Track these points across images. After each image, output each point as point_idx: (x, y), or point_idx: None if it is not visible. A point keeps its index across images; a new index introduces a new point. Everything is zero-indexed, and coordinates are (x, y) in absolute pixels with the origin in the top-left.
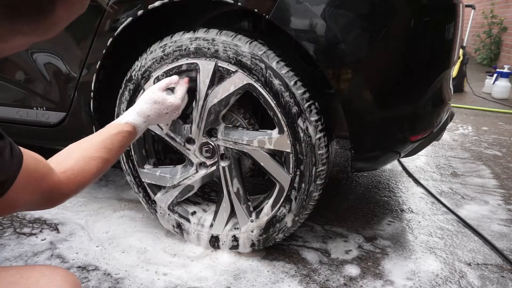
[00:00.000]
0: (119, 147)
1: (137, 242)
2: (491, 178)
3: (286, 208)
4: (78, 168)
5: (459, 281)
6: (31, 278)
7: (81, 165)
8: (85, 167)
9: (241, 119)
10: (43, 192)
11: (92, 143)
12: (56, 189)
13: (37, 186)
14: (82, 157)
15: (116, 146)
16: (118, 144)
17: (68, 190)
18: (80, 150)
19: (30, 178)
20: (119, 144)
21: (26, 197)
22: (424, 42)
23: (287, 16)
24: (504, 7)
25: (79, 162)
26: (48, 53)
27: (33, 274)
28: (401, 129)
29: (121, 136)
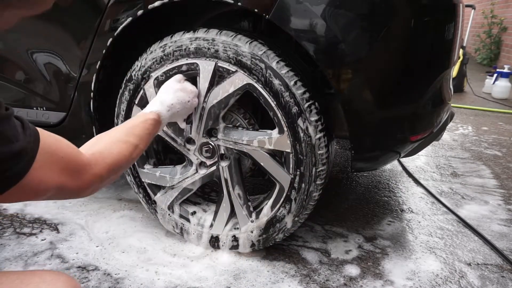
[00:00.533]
0: (147, 134)
1: (137, 242)
2: (491, 178)
3: (286, 208)
4: (107, 149)
5: (459, 281)
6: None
7: (110, 147)
8: (114, 149)
9: (241, 119)
10: (72, 172)
11: (120, 129)
12: (85, 169)
13: (63, 164)
14: (111, 140)
15: (144, 134)
16: (145, 132)
17: (98, 170)
18: (108, 135)
19: (53, 155)
20: (147, 131)
21: (54, 178)
22: (424, 42)
23: (287, 16)
24: (504, 7)
25: (107, 144)
26: (48, 53)
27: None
28: (401, 129)
29: (147, 124)
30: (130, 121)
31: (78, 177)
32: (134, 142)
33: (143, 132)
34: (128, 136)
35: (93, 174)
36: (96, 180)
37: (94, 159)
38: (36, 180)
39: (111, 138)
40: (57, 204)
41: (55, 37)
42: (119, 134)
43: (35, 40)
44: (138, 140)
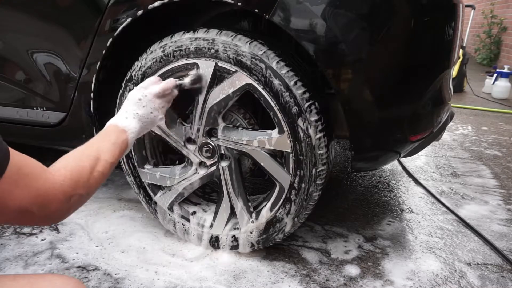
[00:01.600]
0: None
1: (136, 242)
2: (491, 178)
3: (286, 209)
4: (70, 164)
5: (459, 281)
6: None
7: (73, 163)
8: (77, 164)
9: (241, 119)
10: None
11: (81, 146)
12: (53, 187)
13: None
14: (71, 156)
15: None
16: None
17: (66, 187)
18: (70, 153)
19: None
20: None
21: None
22: (424, 42)
23: (287, 16)
24: (504, 7)
25: (70, 161)
26: (48, 53)
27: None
28: (401, 129)
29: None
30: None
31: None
32: (95, 155)
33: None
34: (89, 150)
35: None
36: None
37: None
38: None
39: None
40: None
41: (55, 37)
42: (80, 150)
43: (35, 40)
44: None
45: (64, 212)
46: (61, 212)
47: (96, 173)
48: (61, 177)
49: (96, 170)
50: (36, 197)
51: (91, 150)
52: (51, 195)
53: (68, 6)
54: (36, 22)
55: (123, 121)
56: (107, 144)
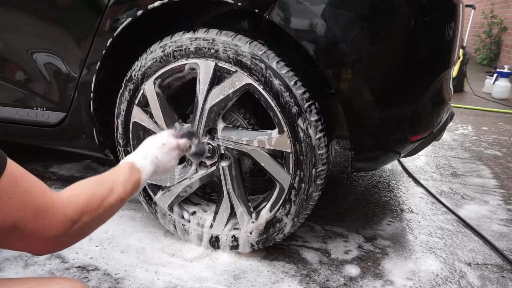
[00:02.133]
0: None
1: (136, 242)
2: (491, 178)
3: (286, 209)
4: (79, 189)
5: (459, 281)
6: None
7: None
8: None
9: (241, 119)
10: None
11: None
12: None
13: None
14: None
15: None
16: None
17: (70, 211)
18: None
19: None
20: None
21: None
22: (424, 42)
23: (287, 16)
24: (504, 7)
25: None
26: (48, 53)
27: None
28: (401, 129)
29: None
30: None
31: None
32: (109, 185)
33: (119, 179)
34: (103, 180)
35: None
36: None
37: (65, 197)
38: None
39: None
40: None
41: (55, 37)
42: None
43: (35, 40)
44: (113, 184)
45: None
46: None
47: (107, 203)
48: (66, 200)
49: (107, 201)
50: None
51: (105, 180)
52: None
53: (68, 6)
54: (36, 22)
55: (140, 161)
56: (121, 179)
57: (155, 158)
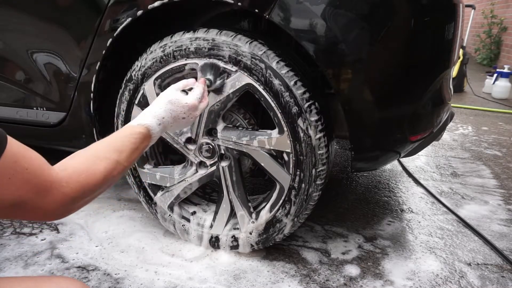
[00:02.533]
0: (132, 149)
1: (136, 242)
2: (491, 178)
3: (286, 209)
4: (81, 166)
5: (459, 281)
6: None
7: (85, 164)
8: (90, 166)
9: (241, 119)
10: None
11: (101, 144)
12: (54, 187)
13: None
14: (87, 156)
15: (129, 149)
16: (130, 147)
17: (69, 190)
18: (86, 151)
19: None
20: (133, 146)
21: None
22: (424, 42)
23: (287, 16)
24: (504, 7)
25: (83, 161)
26: (48, 53)
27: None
28: (401, 129)
29: (133, 138)
30: (114, 134)
31: (44, 195)
32: (115, 158)
33: (128, 147)
34: (109, 152)
35: (63, 193)
36: (66, 201)
37: (66, 176)
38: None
39: (89, 153)
40: None
41: (55, 37)
42: (99, 149)
43: (35, 40)
44: (120, 156)
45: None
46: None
47: (110, 177)
48: (66, 178)
49: (110, 175)
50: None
51: (111, 151)
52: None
53: (68, 6)
54: (36, 22)
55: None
56: (130, 147)
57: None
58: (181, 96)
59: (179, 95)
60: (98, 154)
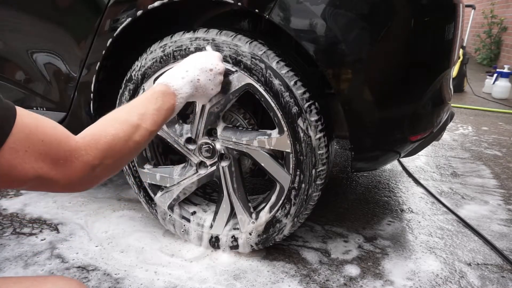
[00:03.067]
0: (154, 110)
1: (136, 242)
2: (491, 178)
3: (286, 209)
4: (100, 132)
5: (459, 281)
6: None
7: (104, 128)
8: (109, 131)
9: (241, 119)
10: (55, 159)
11: (121, 108)
12: (73, 156)
13: (44, 149)
14: (107, 121)
15: (150, 110)
16: (152, 107)
17: (89, 157)
18: (107, 116)
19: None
20: (154, 106)
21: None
22: (424, 42)
23: (287, 16)
24: (504, 7)
25: (102, 127)
26: (48, 53)
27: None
28: (401, 129)
29: (153, 98)
30: (136, 98)
31: (63, 165)
32: (135, 121)
33: (149, 108)
34: (129, 114)
35: (83, 161)
36: (87, 169)
37: (85, 143)
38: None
39: (109, 118)
40: (57, 204)
41: (55, 37)
42: (120, 113)
43: (35, 40)
44: (140, 118)
45: (88, 181)
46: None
47: (132, 142)
48: (84, 146)
49: (132, 140)
50: (53, 165)
51: (131, 114)
52: (70, 164)
53: (68, 6)
54: (36, 22)
55: (176, 82)
56: (151, 108)
57: (196, 80)
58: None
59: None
60: (118, 118)
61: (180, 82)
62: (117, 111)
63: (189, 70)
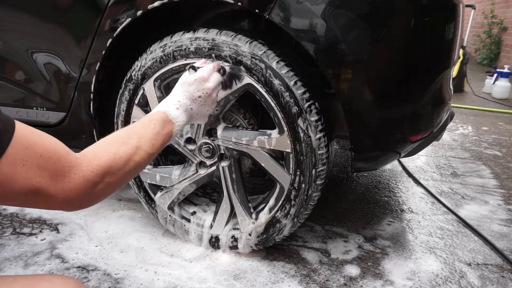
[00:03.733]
0: (153, 134)
1: (135, 242)
2: (491, 178)
3: (286, 209)
4: (101, 150)
5: (459, 281)
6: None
7: (106, 148)
8: (110, 150)
9: (241, 119)
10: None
11: (121, 131)
12: (72, 171)
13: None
14: (107, 142)
15: (149, 133)
16: (150, 131)
17: (90, 173)
18: (106, 138)
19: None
20: (151, 131)
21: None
22: (424, 42)
23: (287, 16)
24: (504, 7)
25: (103, 146)
26: (48, 53)
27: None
28: (401, 129)
29: (152, 123)
30: (134, 123)
31: (62, 180)
32: (135, 143)
33: (148, 132)
34: (129, 137)
35: (83, 177)
36: (88, 186)
37: (86, 160)
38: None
39: (109, 139)
40: None
41: (55, 37)
42: (120, 135)
43: (35, 40)
44: (140, 141)
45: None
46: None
47: (132, 162)
48: (86, 162)
49: (132, 160)
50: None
51: (131, 137)
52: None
53: (68, 6)
54: (36, 22)
55: (173, 112)
56: (150, 132)
57: (190, 109)
58: (188, 75)
59: (187, 74)
60: (118, 139)
61: (176, 112)
62: (117, 133)
63: (181, 100)
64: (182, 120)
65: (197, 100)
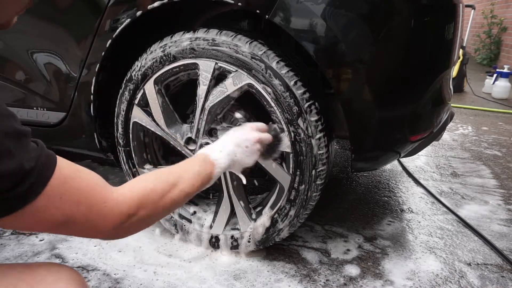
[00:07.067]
0: (192, 173)
1: (134, 242)
2: (491, 178)
3: (286, 209)
4: (138, 186)
5: (459, 281)
6: (37, 276)
7: (143, 184)
8: (147, 186)
9: (241, 119)
10: (89, 207)
11: (161, 170)
12: (109, 205)
13: (78, 197)
14: (145, 178)
15: (189, 173)
16: (190, 171)
17: (125, 206)
18: (145, 175)
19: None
20: (191, 170)
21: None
22: (424, 42)
23: (287, 16)
24: (504, 7)
25: (140, 182)
26: (48, 53)
27: (40, 271)
28: (401, 129)
29: (194, 163)
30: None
31: (98, 214)
32: (173, 181)
33: (188, 171)
34: (169, 174)
35: (119, 210)
36: (122, 218)
37: (122, 194)
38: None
39: (148, 176)
40: None
41: (55, 37)
42: (159, 173)
43: (35, 40)
44: (178, 180)
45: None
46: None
47: (168, 199)
48: (122, 196)
49: (168, 196)
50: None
51: (170, 175)
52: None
53: (68, 6)
54: (36, 22)
55: (216, 154)
56: (191, 172)
57: (234, 155)
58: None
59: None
60: (157, 176)
61: (219, 155)
62: (158, 171)
63: (227, 146)
64: (224, 163)
65: (244, 149)
